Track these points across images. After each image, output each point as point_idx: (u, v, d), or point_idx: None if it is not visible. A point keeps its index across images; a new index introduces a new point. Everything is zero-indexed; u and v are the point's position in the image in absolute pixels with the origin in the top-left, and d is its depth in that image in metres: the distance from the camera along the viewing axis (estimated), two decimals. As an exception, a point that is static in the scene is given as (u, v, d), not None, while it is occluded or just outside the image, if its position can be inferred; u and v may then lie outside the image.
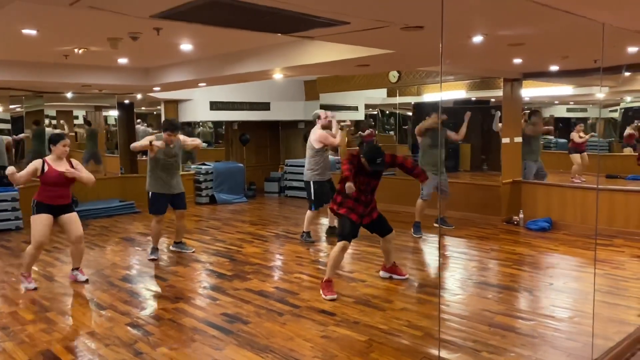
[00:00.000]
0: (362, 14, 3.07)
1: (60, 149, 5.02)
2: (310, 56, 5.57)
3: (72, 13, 2.82)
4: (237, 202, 10.26)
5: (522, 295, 4.77)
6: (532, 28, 3.89)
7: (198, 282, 5.36)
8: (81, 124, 11.62)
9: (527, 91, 8.62)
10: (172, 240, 6.83)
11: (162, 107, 10.32)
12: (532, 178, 8.13)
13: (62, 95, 9.35)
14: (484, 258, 6.01)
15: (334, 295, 4.62)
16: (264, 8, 2.70)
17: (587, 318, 4.05)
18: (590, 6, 2.84)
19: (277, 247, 6.86)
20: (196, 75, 7.11)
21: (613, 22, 3.20)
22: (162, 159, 5.98)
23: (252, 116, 10.89)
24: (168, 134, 5.98)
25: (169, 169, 6.02)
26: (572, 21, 3.17)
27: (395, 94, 11.30)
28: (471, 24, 3.62)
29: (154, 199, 6.03)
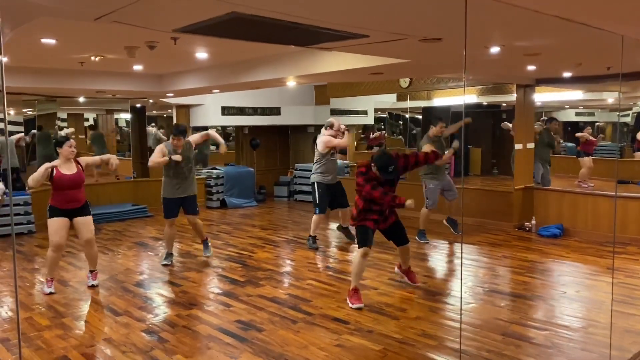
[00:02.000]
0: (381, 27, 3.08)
1: (67, 150, 5.06)
2: (324, 65, 5.59)
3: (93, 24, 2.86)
4: (247, 207, 10.29)
5: (535, 303, 4.75)
6: (549, 39, 3.89)
7: (211, 288, 5.39)
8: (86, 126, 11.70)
9: (539, 96, 8.59)
10: (182, 246, 6.87)
11: (174, 112, 10.37)
12: (540, 179, 8.12)
13: (75, 99, 9.42)
14: (496, 265, 6.00)
15: (360, 304, 4.59)
16: (285, 23, 2.72)
17: (602, 328, 4.03)
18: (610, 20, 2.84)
19: (288, 252, 6.87)
20: (210, 83, 7.14)
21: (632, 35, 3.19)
22: (173, 165, 6.00)
23: (262, 121, 10.93)
24: (172, 138, 6.01)
25: (180, 174, 6.04)
26: (590, 33, 3.17)
27: (405, 98, 11.29)
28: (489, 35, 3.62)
29: (165, 204, 6.08)
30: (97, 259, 5.45)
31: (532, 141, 8.07)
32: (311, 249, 6.78)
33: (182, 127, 6.17)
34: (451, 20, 2.81)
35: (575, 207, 7.35)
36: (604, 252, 6.39)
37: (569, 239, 7.13)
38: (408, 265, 5.10)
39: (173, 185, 6.03)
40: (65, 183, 5.03)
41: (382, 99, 11.51)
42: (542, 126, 8.78)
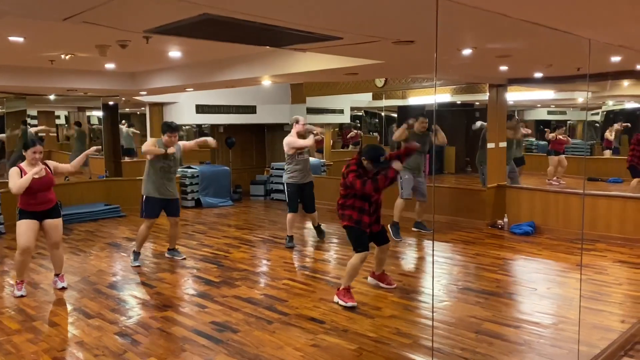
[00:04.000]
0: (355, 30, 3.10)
1: (30, 156, 4.96)
2: (299, 65, 5.59)
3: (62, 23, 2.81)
4: (223, 206, 10.24)
5: (507, 301, 4.84)
6: (520, 42, 3.96)
7: (186, 289, 5.35)
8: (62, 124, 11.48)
9: (511, 95, 8.74)
10: (156, 247, 6.81)
11: (147, 110, 10.25)
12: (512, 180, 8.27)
13: (45, 97, 9.24)
14: (469, 263, 6.08)
15: (354, 302, 4.60)
16: (257, 25, 2.72)
17: (571, 324, 4.13)
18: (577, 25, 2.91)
19: (264, 252, 6.86)
20: (184, 81, 7.08)
21: (598, 38, 3.28)
22: (162, 163, 5.94)
23: (238, 119, 10.87)
24: (168, 135, 5.94)
25: (166, 174, 5.98)
26: (559, 36, 3.24)
27: (381, 97, 11.38)
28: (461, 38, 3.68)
29: (147, 203, 5.98)
30: (63, 263, 5.35)
31: (505, 140, 8.20)
32: (287, 248, 6.78)
33: (176, 125, 6.13)
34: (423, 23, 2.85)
35: (546, 205, 7.50)
36: (575, 249, 6.53)
37: (541, 236, 7.27)
38: (382, 268, 5.10)
39: (160, 185, 5.96)
40: (34, 185, 4.93)
41: (358, 98, 11.56)
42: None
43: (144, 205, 6.03)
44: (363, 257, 4.63)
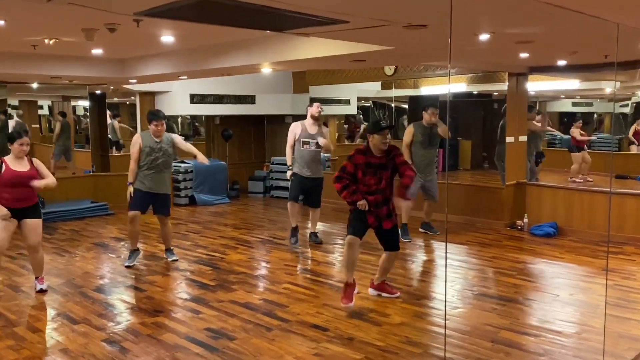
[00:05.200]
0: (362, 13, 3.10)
1: (17, 149, 4.98)
2: (302, 51, 5.59)
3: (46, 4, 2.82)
4: (219, 204, 10.25)
5: (526, 308, 4.85)
6: (543, 27, 3.96)
7: (178, 293, 5.37)
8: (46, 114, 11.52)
9: (532, 85, 8.71)
10: (147, 247, 6.87)
11: (138, 100, 10.26)
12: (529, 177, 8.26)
13: (27, 85, 9.26)
14: (485, 267, 6.09)
15: (350, 302, 4.62)
16: (258, 7, 2.72)
17: (596, 333, 4.13)
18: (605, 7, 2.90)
19: (264, 253, 6.88)
20: (177, 68, 7.09)
21: (628, 23, 3.27)
22: (148, 155, 5.97)
23: (235, 110, 10.87)
24: (154, 124, 5.98)
25: (156, 166, 6.01)
26: (585, 20, 3.23)
27: (390, 87, 11.34)
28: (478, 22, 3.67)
29: (134, 194, 6.02)
30: (43, 265, 5.37)
31: (525, 133, 8.18)
32: (291, 241, 6.91)
33: (161, 112, 6.16)
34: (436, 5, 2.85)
35: (570, 204, 7.49)
36: (600, 252, 6.52)
37: (564, 238, 7.27)
38: (385, 276, 5.07)
39: (146, 177, 6.00)
40: (15, 180, 4.95)
41: (366, 87, 11.54)
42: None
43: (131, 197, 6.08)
44: (348, 241, 4.65)
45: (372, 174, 4.63)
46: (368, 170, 4.63)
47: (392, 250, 4.85)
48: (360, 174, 4.63)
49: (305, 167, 6.79)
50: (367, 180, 4.64)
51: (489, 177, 10.73)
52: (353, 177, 4.65)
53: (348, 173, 4.65)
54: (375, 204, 4.66)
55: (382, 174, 4.64)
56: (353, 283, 4.74)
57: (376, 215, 4.68)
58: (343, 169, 4.68)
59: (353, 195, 4.62)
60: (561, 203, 7.59)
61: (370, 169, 4.64)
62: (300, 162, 6.78)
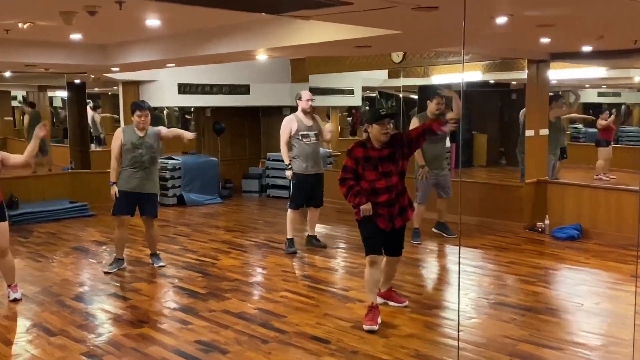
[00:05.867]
0: (367, -7, 3.09)
1: None
2: (301, 36, 5.58)
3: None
4: (210, 204, 10.25)
5: (548, 318, 4.84)
6: (566, 8, 3.94)
7: (166, 302, 5.37)
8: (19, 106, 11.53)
9: (554, 73, 8.70)
10: (131, 252, 6.87)
11: (120, 90, 10.26)
12: (552, 175, 8.24)
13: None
14: (502, 273, 6.09)
15: (373, 325, 4.52)
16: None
17: (624, 346, 4.14)
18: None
19: (259, 259, 6.87)
20: (163, 55, 7.09)
21: (660, 4, 3.26)
22: (130, 151, 5.97)
23: (228, 101, 10.85)
24: (138, 115, 5.99)
25: (140, 164, 6.01)
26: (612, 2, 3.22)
27: (398, 75, 11.33)
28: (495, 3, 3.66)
29: (118, 197, 6.04)
30: (14, 271, 5.35)
31: (546, 126, 8.17)
32: (288, 254, 6.81)
33: (146, 103, 6.18)
34: (449, -15, 2.83)
35: (595, 204, 7.48)
36: (629, 256, 6.51)
37: (588, 241, 7.26)
38: (390, 284, 5.06)
39: (130, 177, 6.01)
40: None
41: (372, 76, 11.52)
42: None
43: (115, 200, 6.09)
44: (370, 262, 4.58)
45: (371, 169, 4.54)
46: (367, 164, 4.55)
47: (392, 255, 4.80)
48: (360, 169, 4.57)
49: (309, 162, 6.76)
50: (368, 175, 4.55)
51: (507, 175, 10.74)
52: (356, 174, 4.60)
53: (350, 170, 4.59)
54: (388, 203, 4.59)
55: (388, 167, 4.56)
56: (377, 305, 4.67)
57: (389, 216, 4.60)
58: (344, 167, 4.63)
59: (356, 197, 4.54)
60: (586, 203, 7.58)
61: (369, 163, 4.55)
62: (303, 158, 6.75)
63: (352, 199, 4.57)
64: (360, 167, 4.57)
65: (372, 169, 4.55)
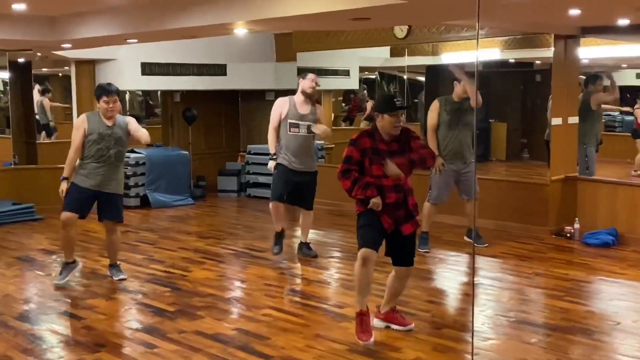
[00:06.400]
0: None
1: None
2: (287, 6, 5.56)
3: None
4: (180, 205, 10.24)
5: (578, 339, 4.85)
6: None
7: (127, 321, 5.36)
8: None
9: (585, 51, 8.74)
10: (86, 262, 6.85)
11: (73, 70, 10.22)
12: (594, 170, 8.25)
13: None
14: (525, 286, 6.11)
15: (370, 338, 4.57)
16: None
17: (668, 372, 4.16)
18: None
19: (238, 270, 6.88)
20: (124, 29, 7.05)
21: None
22: (95, 142, 5.95)
23: (200, 83, 10.83)
24: (104, 100, 5.96)
25: (107, 158, 6.00)
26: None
27: (402, 54, 11.36)
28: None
29: (71, 190, 6.01)
30: None
31: (576, 114, 8.21)
32: (274, 250, 6.92)
33: (114, 86, 6.15)
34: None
35: (634, 205, 7.52)
36: (672, 266, 6.59)
37: (625, 248, 7.31)
38: (394, 302, 5.03)
39: (92, 170, 5.99)
40: None
41: (371, 55, 11.53)
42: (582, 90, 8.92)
43: (65, 195, 6.04)
44: (361, 257, 4.59)
45: (379, 163, 4.60)
46: (375, 157, 4.60)
47: (404, 265, 4.80)
48: (367, 162, 4.61)
49: (293, 157, 6.76)
50: (375, 170, 4.60)
51: (530, 170, 10.78)
52: (360, 167, 4.62)
53: (355, 162, 4.62)
54: (395, 205, 4.63)
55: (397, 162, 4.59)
56: (368, 311, 4.69)
57: (394, 220, 4.65)
58: (348, 159, 4.64)
59: (366, 190, 4.56)
60: (622, 203, 7.63)
61: (377, 156, 4.60)
62: (288, 151, 6.76)
63: (359, 192, 4.58)
64: (368, 160, 4.61)
65: (380, 164, 4.60)
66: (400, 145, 4.68)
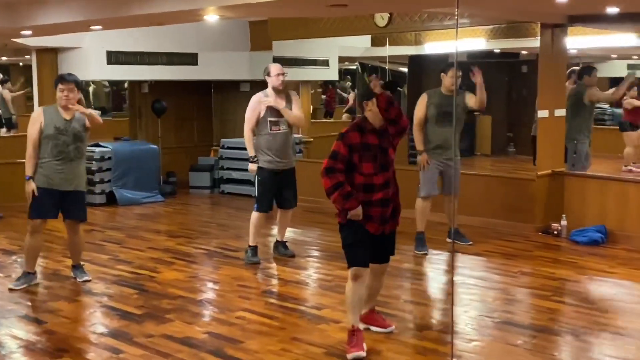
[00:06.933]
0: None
1: None
2: (260, -10, 5.57)
3: None
4: (149, 203, 10.20)
5: (565, 340, 4.90)
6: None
7: (92, 325, 5.33)
8: None
9: (573, 40, 8.80)
10: (48, 263, 6.82)
11: (34, 59, 10.14)
12: (588, 166, 8.31)
13: None
14: (510, 286, 6.14)
15: (360, 351, 4.47)
16: None
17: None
18: None
19: (210, 271, 6.86)
20: (87, 15, 6.99)
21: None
22: (53, 137, 5.90)
23: (170, 73, 10.79)
24: (61, 89, 5.91)
25: (65, 155, 5.94)
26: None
27: (383, 43, 11.39)
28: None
29: (35, 196, 5.97)
30: None
31: (563, 106, 8.26)
32: (249, 264, 6.81)
33: (74, 76, 6.09)
34: None
35: (623, 201, 7.58)
36: (663, 264, 6.66)
37: (615, 246, 7.36)
38: (374, 303, 5.01)
39: (52, 169, 5.94)
40: None
41: (351, 44, 11.54)
42: (572, 82, 8.98)
43: (32, 200, 6.02)
44: (352, 276, 4.54)
45: (371, 159, 4.46)
46: (365, 154, 4.46)
47: (378, 261, 4.74)
48: (356, 158, 4.45)
49: (278, 156, 6.71)
50: (365, 168, 4.45)
51: (516, 165, 10.88)
52: (348, 164, 4.47)
53: (342, 159, 4.44)
54: (383, 202, 4.53)
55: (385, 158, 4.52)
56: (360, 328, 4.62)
57: (381, 218, 4.55)
58: (334, 154, 4.46)
59: (347, 201, 4.42)
60: (612, 199, 7.68)
61: (368, 152, 4.46)
62: (271, 151, 6.69)
63: (339, 200, 4.43)
64: (357, 156, 4.45)
65: (371, 160, 4.48)
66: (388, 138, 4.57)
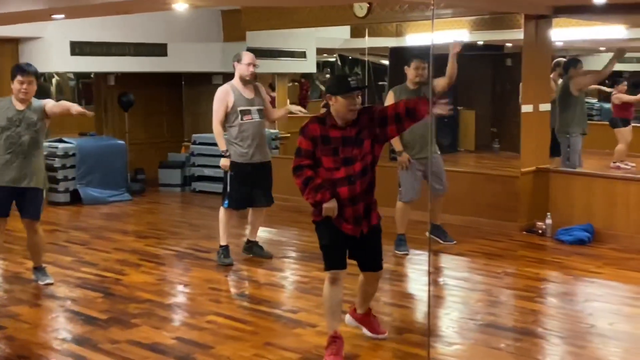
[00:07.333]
0: None
1: None
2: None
3: None
4: (116, 201, 10.16)
5: (550, 343, 4.92)
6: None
7: (54, 330, 5.31)
8: None
9: (558, 32, 8.85)
10: (7, 265, 6.80)
11: (-6, 49, 10.05)
12: (578, 162, 8.36)
13: None
14: (493, 287, 6.16)
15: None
16: None
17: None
18: None
19: (180, 273, 6.84)
20: (49, 3, 6.92)
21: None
22: (4, 129, 5.86)
23: (138, 65, 10.74)
24: (19, 80, 5.85)
25: (18, 147, 5.90)
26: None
27: (363, 34, 11.40)
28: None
29: None
30: None
31: (547, 100, 8.31)
32: (222, 265, 6.80)
33: (32, 66, 6.04)
34: None
35: (611, 199, 7.63)
36: (651, 264, 6.71)
37: (602, 245, 7.41)
38: (368, 306, 4.99)
39: (4, 164, 5.90)
40: None
41: (330, 35, 11.55)
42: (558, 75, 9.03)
43: None
44: (329, 279, 4.52)
45: (329, 153, 4.42)
46: (325, 147, 4.43)
47: (368, 269, 4.70)
48: (318, 152, 4.44)
49: (251, 148, 6.66)
50: (325, 162, 4.43)
51: (500, 161, 10.93)
52: (313, 159, 4.45)
53: (306, 154, 4.44)
54: (351, 200, 4.47)
55: (351, 152, 4.45)
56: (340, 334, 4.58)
57: (354, 217, 4.50)
58: (298, 151, 4.48)
59: (317, 193, 4.39)
60: (599, 197, 7.73)
61: (327, 145, 4.43)
62: (244, 142, 6.67)
63: (311, 195, 4.41)
64: (318, 150, 4.44)
65: (331, 154, 4.44)
66: (359, 131, 4.47)
